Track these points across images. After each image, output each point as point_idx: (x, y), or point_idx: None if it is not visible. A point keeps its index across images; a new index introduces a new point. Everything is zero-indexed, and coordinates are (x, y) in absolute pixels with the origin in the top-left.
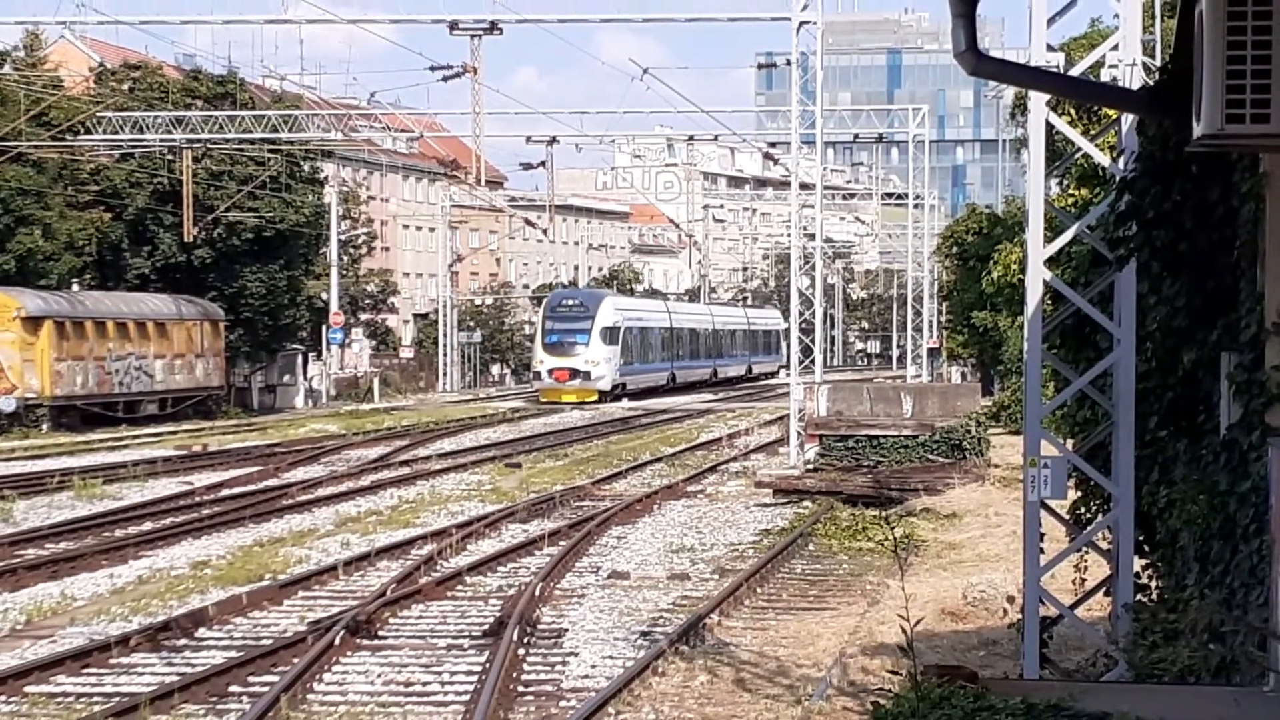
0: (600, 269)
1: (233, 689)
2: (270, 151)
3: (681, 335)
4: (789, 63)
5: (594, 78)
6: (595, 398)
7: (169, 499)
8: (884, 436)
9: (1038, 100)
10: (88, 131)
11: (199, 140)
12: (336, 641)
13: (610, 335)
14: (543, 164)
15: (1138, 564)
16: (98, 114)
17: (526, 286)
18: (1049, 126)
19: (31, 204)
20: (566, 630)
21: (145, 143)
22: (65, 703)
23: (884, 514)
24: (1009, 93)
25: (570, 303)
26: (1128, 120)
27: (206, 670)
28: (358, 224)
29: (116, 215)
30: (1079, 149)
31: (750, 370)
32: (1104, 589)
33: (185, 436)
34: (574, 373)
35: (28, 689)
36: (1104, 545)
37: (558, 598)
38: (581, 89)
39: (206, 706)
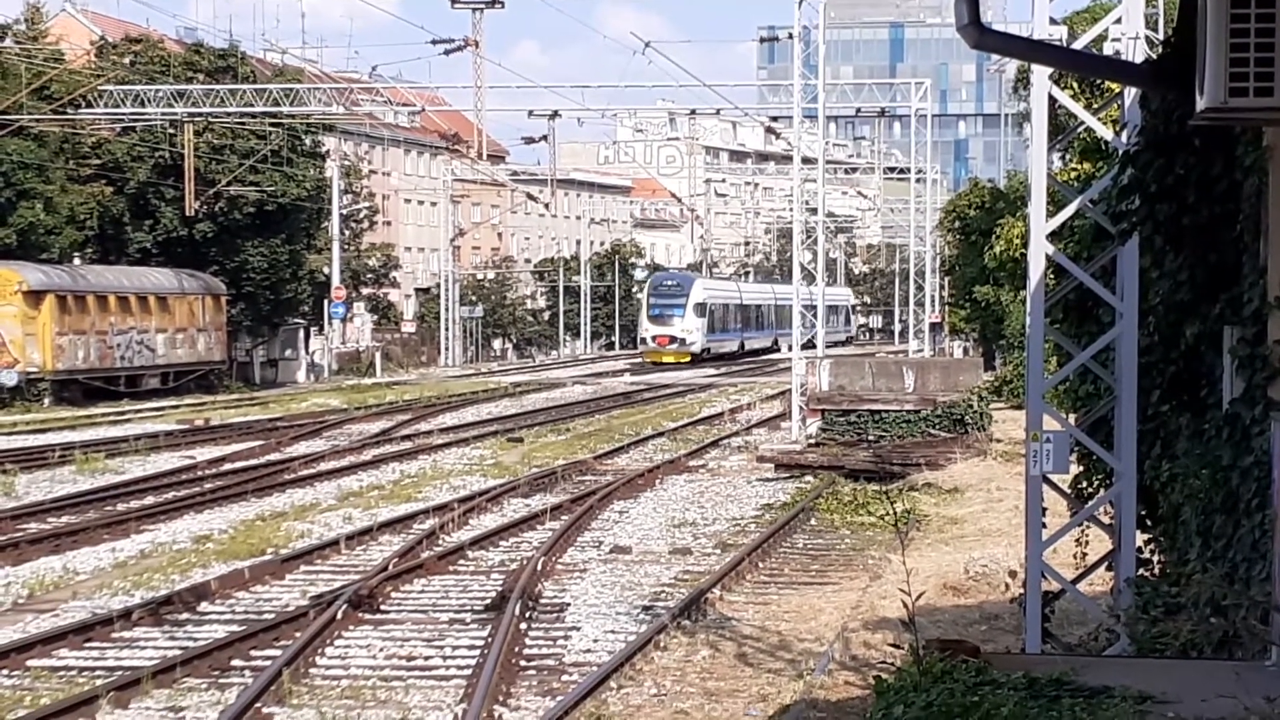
0: (602, 243)
1: (235, 663)
2: (272, 125)
3: (749, 310)
4: (791, 36)
5: (596, 51)
6: (689, 359)
7: (171, 473)
8: (886, 411)
9: (1040, 74)
10: (89, 105)
11: (200, 114)
12: (339, 616)
13: (700, 310)
14: (544, 138)
15: (1140, 539)
16: (99, 88)
17: (528, 261)
18: (1051, 100)
19: (33, 178)
20: (568, 605)
21: (146, 116)
22: (68, 676)
23: (886, 489)
24: (1011, 67)
25: (669, 284)
26: (1130, 94)
27: (209, 644)
28: (359, 198)
29: (118, 189)
30: (1082, 123)
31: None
32: (1106, 564)
33: (187, 411)
34: (672, 339)
35: (30, 663)
36: (1106, 520)
37: (560, 572)
38: (583, 63)
39: (209, 680)
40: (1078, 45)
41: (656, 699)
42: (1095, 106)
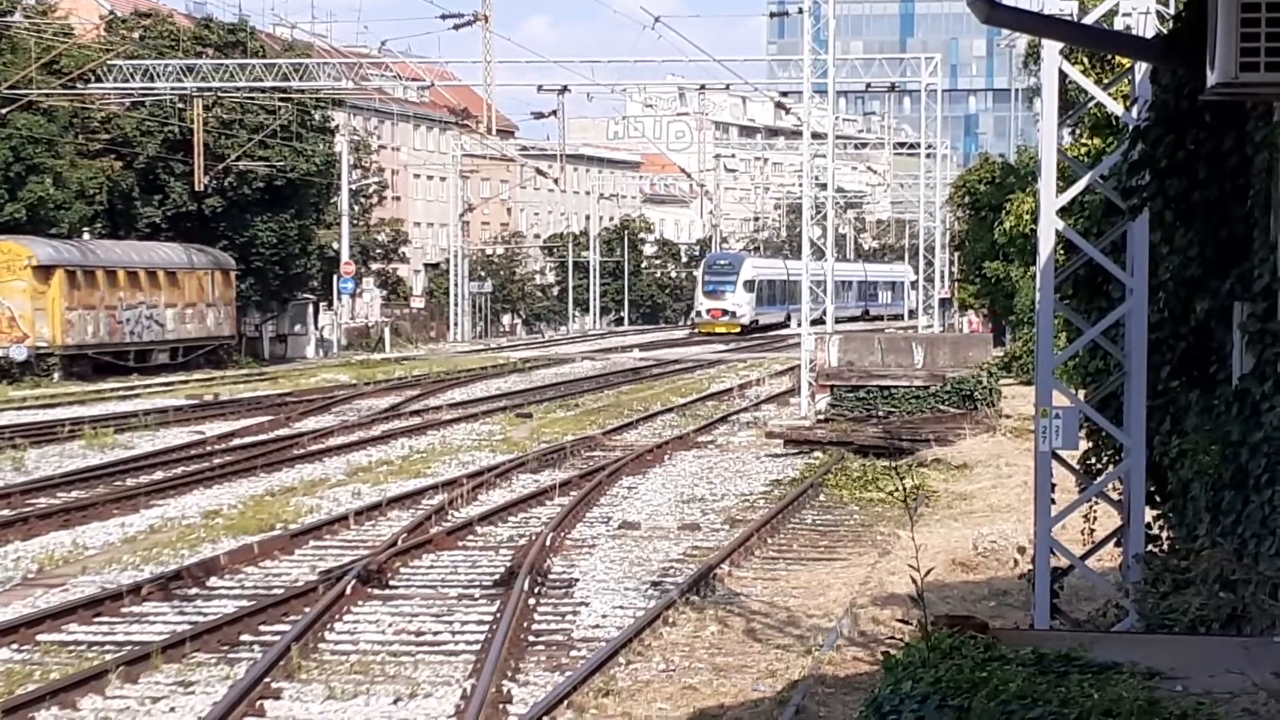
0: (611, 218)
1: (244, 638)
2: (281, 100)
3: (795, 285)
4: (801, 11)
5: (605, 26)
6: (739, 330)
7: (180, 448)
8: (895, 387)
9: (1051, 49)
10: (98, 80)
11: (210, 89)
12: (348, 591)
13: (749, 286)
14: (554, 113)
15: (1149, 514)
16: (108, 62)
17: (538, 236)
18: (1062, 75)
19: (42, 152)
20: (577, 580)
21: (156, 91)
22: (77, 651)
23: (895, 464)
24: (1022, 41)
25: (722, 262)
26: (1141, 69)
27: (218, 619)
28: (368, 173)
29: (127, 164)
30: (1092, 98)
31: (867, 313)
32: (1115, 539)
33: (196, 386)
34: (724, 312)
35: (40, 637)
36: (1115, 496)
37: (568, 548)
38: (593, 37)
39: (218, 655)
40: (1088, 20)
41: (665, 674)
42: (1106, 82)
